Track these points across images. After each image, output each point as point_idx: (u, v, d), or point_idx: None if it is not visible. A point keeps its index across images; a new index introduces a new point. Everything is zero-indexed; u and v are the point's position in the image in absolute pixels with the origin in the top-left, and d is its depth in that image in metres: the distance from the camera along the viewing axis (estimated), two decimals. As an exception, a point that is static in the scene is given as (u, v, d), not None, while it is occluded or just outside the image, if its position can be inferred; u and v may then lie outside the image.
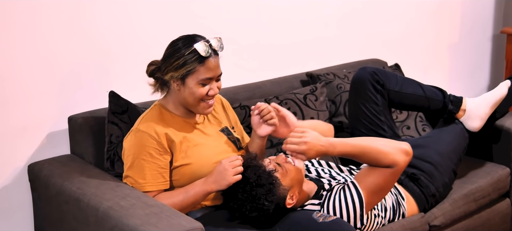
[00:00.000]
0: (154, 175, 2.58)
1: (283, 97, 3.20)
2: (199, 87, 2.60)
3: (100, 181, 2.57)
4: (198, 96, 2.61)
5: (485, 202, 3.23)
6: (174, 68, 2.59)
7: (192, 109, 2.67)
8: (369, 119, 3.09)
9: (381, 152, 2.57)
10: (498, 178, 3.28)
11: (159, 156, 2.59)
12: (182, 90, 2.62)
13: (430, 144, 3.09)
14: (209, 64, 2.59)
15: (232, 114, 2.93)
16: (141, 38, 3.07)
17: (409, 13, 4.08)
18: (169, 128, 2.63)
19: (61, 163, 2.76)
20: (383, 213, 2.79)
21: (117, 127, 2.79)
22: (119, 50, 3.02)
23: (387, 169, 2.59)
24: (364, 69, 3.09)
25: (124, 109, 2.82)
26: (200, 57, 2.57)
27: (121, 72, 3.04)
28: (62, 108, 2.90)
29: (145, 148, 2.58)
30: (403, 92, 3.10)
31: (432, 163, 3.03)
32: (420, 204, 2.96)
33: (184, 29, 2.70)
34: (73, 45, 2.88)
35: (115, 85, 2.95)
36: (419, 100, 3.13)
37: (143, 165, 2.58)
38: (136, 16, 3.04)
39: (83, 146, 2.83)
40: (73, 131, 2.85)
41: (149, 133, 2.59)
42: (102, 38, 2.96)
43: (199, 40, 2.60)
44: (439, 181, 3.03)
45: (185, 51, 2.58)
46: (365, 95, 3.08)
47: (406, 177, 2.98)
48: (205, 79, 2.60)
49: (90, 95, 2.96)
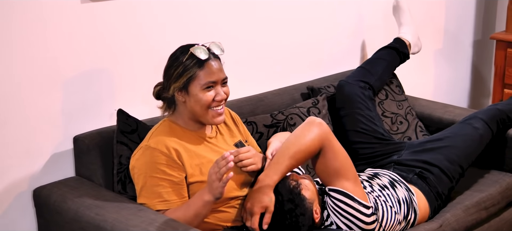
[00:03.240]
0: (169, 192, 2.47)
1: (288, 113, 3.14)
2: (204, 93, 2.50)
3: (119, 205, 2.45)
4: (205, 103, 2.51)
5: (494, 211, 3.19)
6: (175, 79, 2.50)
7: (202, 119, 2.56)
8: (367, 126, 3.17)
9: (304, 144, 2.55)
10: (506, 186, 3.25)
11: (173, 172, 2.48)
12: (187, 100, 2.52)
13: (442, 149, 3.05)
14: (209, 68, 2.50)
15: (243, 128, 2.83)
16: (148, 52, 2.96)
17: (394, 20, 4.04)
18: (181, 143, 2.52)
19: (70, 187, 2.62)
20: (398, 205, 2.75)
21: (126, 147, 2.66)
22: (125, 65, 2.90)
23: (323, 151, 2.58)
24: (349, 83, 3.30)
25: (133, 128, 2.69)
26: (199, 61, 2.49)
27: (128, 88, 2.92)
28: (66, 128, 2.75)
29: (157, 165, 2.47)
30: (379, 75, 3.40)
31: (441, 168, 2.99)
32: (431, 203, 2.92)
33: (183, 42, 2.61)
34: (76, 61, 2.74)
35: (121, 102, 2.84)
36: (389, 68, 3.46)
37: (157, 183, 2.47)
38: (142, 30, 2.92)
39: (91, 168, 2.69)
40: (79, 152, 2.72)
41: (160, 149, 2.48)
42: (107, 53, 2.82)
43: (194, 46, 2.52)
44: (446, 185, 3.00)
45: (183, 58, 2.50)
46: (359, 105, 3.21)
47: (414, 175, 2.96)
48: (208, 83, 2.49)
49: (96, 113, 2.82)
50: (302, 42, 3.58)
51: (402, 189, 2.84)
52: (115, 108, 2.74)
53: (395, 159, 3.07)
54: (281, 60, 3.51)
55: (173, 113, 2.60)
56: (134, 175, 2.52)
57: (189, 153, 2.52)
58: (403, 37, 3.55)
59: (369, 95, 3.32)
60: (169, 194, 2.47)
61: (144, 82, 2.89)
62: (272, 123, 3.06)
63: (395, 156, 3.09)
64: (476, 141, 3.11)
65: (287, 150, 2.56)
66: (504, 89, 4.08)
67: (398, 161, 3.05)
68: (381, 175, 2.91)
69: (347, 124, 3.24)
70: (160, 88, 2.59)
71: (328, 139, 2.59)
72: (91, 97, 2.81)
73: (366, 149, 3.16)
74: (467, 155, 3.08)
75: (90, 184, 2.65)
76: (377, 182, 2.84)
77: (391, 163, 3.06)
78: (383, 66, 3.44)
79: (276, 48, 3.47)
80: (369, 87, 3.35)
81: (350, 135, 3.21)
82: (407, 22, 3.61)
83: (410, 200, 2.82)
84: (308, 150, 2.56)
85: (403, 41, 3.54)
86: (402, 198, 2.80)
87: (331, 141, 2.60)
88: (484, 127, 3.17)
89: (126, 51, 2.89)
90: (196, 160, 2.52)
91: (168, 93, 2.54)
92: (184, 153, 2.50)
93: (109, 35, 2.82)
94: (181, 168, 2.49)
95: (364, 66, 3.46)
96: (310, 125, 2.60)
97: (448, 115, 3.53)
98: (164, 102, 2.60)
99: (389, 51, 3.50)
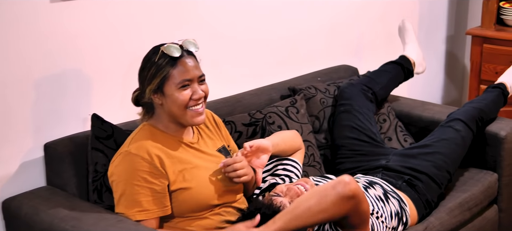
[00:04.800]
0: (150, 201, 2.35)
1: (266, 111, 3.07)
2: (180, 92, 2.39)
3: (96, 216, 2.32)
4: (182, 103, 2.39)
5: (477, 211, 3.17)
6: (149, 81, 2.39)
7: (181, 121, 2.44)
8: (363, 124, 3.17)
9: (325, 212, 2.26)
10: (488, 185, 3.22)
11: (154, 179, 2.36)
12: (164, 102, 2.41)
13: (428, 156, 3.03)
14: (183, 65, 2.40)
15: (225, 132, 2.73)
16: (121, 53, 2.83)
17: (374, 18, 4.00)
18: (163, 148, 2.41)
19: (42, 197, 2.48)
20: (389, 218, 2.69)
21: (102, 153, 2.54)
22: (98, 66, 2.77)
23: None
24: (353, 84, 3.31)
25: (109, 133, 2.57)
26: (172, 59, 2.38)
27: (102, 91, 2.79)
28: (36, 135, 2.61)
29: (138, 172, 2.34)
30: (384, 84, 3.42)
31: (429, 175, 2.97)
32: (419, 210, 2.89)
33: (159, 42, 2.50)
34: (46, 63, 2.61)
35: (95, 106, 2.72)
36: (393, 81, 3.48)
37: (137, 191, 2.34)
38: (115, 30, 2.80)
39: (63, 177, 2.55)
40: (51, 160, 2.58)
41: (141, 155, 2.36)
42: (78, 55, 2.69)
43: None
44: (435, 193, 2.98)
45: (155, 58, 2.39)
46: (359, 103, 3.23)
47: (403, 182, 2.92)
48: (183, 81, 2.38)
49: (68, 118, 2.69)
50: (279, 41, 3.52)
51: (394, 201, 2.79)
52: (88, 113, 2.61)
53: (383, 164, 3.03)
54: (258, 59, 3.44)
55: (152, 117, 2.48)
56: (112, 182, 2.40)
57: (172, 159, 2.41)
58: (408, 56, 3.56)
59: (371, 99, 3.33)
60: (149, 203, 2.35)
61: (118, 85, 2.77)
62: (250, 121, 2.99)
63: (383, 160, 3.05)
64: (459, 144, 3.10)
65: (307, 211, 2.27)
66: (481, 85, 4.05)
67: (386, 166, 3.02)
68: (375, 185, 2.84)
69: (344, 118, 3.22)
70: (138, 93, 2.48)
71: (356, 208, 2.31)
72: (62, 101, 2.67)
73: (356, 145, 3.13)
74: (453, 160, 3.06)
75: (63, 194, 2.52)
76: (374, 193, 2.76)
77: (379, 167, 3.02)
78: (387, 78, 3.46)
79: (252, 47, 3.40)
80: (372, 93, 3.35)
81: (344, 129, 3.18)
82: (412, 41, 3.63)
83: (401, 213, 2.78)
84: (328, 217, 2.31)
85: (408, 59, 3.55)
86: (394, 211, 2.75)
87: (358, 207, 2.32)
88: (465, 128, 3.15)
89: (99, 52, 2.76)
90: (179, 166, 2.42)
91: (144, 97, 2.43)
92: (167, 159, 2.39)
93: (80, 36, 2.69)
94: (163, 175, 2.37)
95: (369, 75, 3.47)
96: (344, 200, 2.27)
97: (428, 113, 3.50)
98: (143, 108, 2.49)
99: (394, 66, 3.52)
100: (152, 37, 2.73)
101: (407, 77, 3.56)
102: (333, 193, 2.23)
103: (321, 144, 3.24)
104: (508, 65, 3.64)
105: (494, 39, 3.96)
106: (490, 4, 4.00)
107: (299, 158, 2.87)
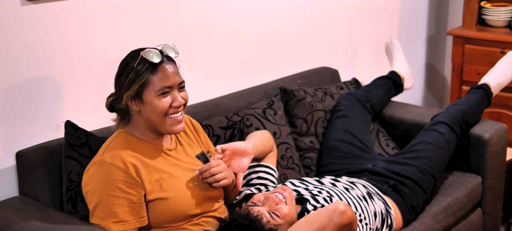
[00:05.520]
0: (126, 212, 2.26)
1: (243, 113, 3.00)
2: (160, 99, 2.30)
3: (71, 228, 2.25)
4: (162, 111, 2.31)
5: (461, 215, 3.13)
6: (127, 87, 2.30)
7: (160, 129, 2.36)
8: (356, 129, 3.16)
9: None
10: (472, 188, 3.18)
11: (130, 189, 2.27)
12: (142, 109, 2.32)
13: (412, 161, 2.99)
14: (163, 71, 2.31)
15: (204, 137, 2.65)
16: (95, 57, 2.74)
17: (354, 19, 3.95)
18: (139, 156, 2.33)
19: (14, 208, 2.39)
20: (373, 218, 2.65)
21: (76, 162, 2.45)
22: (70, 71, 2.67)
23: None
24: (352, 94, 3.33)
25: (83, 141, 2.48)
26: (151, 65, 2.29)
27: (74, 96, 2.69)
28: (7, 143, 2.51)
29: (113, 182, 2.26)
30: (380, 97, 3.43)
31: (414, 180, 2.94)
32: (404, 215, 2.86)
33: (136, 46, 2.43)
34: (16, 68, 2.51)
35: (68, 112, 2.63)
36: (387, 95, 3.50)
37: (113, 201, 2.26)
38: (88, 34, 2.71)
39: (36, 186, 2.46)
40: (23, 169, 2.49)
41: (116, 164, 2.27)
42: (50, 59, 2.60)
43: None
44: (421, 198, 2.95)
45: (134, 64, 2.29)
46: (357, 109, 3.25)
47: (388, 187, 2.89)
48: (163, 88, 2.30)
49: (40, 125, 2.59)
50: (257, 44, 3.45)
51: (379, 202, 2.76)
52: (62, 120, 2.53)
53: (370, 168, 2.99)
54: (236, 63, 3.37)
55: (128, 124, 2.39)
56: (87, 192, 2.31)
57: (148, 168, 2.32)
58: (397, 71, 3.59)
59: (369, 110, 3.34)
60: (126, 213, 2.26)
61: (92, 90, 2.69)
62: (228, 124, 2.93)
63: (370, 164, 3.02)
64: (444, 147, 3.06)
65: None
66: (462, 86, 3.99)
67: (372, 170, 2.97)
68: (359, 185, 2.81)
69: (340, 122, 3.20)
70: (113, 99, 2.38)
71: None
72: (34, 108, 2.57)
73: (348, 148, 3.10)
74: (437, 163, 3.03)
75: (36, 204, 2.43)
76: (356, 193, 2.73)
77: (365, 171, 2.98)
78: (382, 92, 3.47)
79: (230, 50, 3.33)
80: (371, 106, 3.37)
81: (338, 132, 3.16)
82: (400, 57, 3.68)
83: (386, 213, 2.74)
84: None
85: (398, 74, 3.57)
86: (378, 211, 2.71)
87: (352, 229, 2.35)
88: (449, 131, 3.11)
89: (71, 57, 2.66)
90: (155, 175, 2.33)
91: (121, 103, 2.33)
92: (143, 169, 2.30)
93: (52, 40, 2.59)
94: (139, 185, 2.28)
95: (364, 88, 3.47)
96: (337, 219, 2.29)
97: (409, 115, 3.46)
98: (118, 114, 2.39)
99: (386, 81, 3.53)
100: (125, 41, 2.67)
101: (398, 92, 3.58)
102: (331, 225, 2.27)
103: (307, 147, 3.18)
104: (490, 66, 3.60)
105: (475, 39, 3.91)
106: (471, 4, 3.95)
107: (272, 162, 2.80)
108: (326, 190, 2.67)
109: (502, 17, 3.95)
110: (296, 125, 3.20)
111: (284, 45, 3.59)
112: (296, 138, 3.18)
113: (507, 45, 3.79)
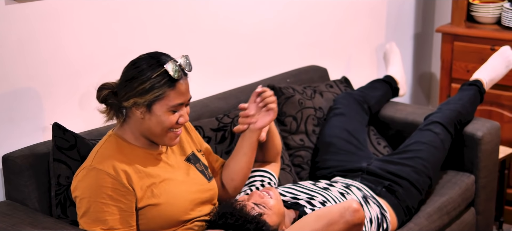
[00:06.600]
0: (116, 220, 2.20)
1: (234, 115, 2.96)
2: (169, 115, 2.23)
3: (60, 234, 2.17)
4: (167, 126, 2.25)
5: (455, 214, 3.11)
6: (138, 94, 2.20)
7: (156, 140, 2.29)
8: (354, 127, 3.16)
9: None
10: (465, 188, 3.17)
11: (120, 197, 2.20)
12: (147, 118, 2.24)
13: (407, 161, 2.96)
14: (180, 88, 2.24)
15: (195, 135, 2.58)
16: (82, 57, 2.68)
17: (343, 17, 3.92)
18: (130, 162, 2.26)
19: (2, 214, 2.33)
20: (368, 224, 2.63)
21: (65, 165, 2.38)
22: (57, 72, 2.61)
23: None
24: (351, 94, 3.34)
25: (72, 143, 2.41)
26: (171, 80, 2.21)
27: (62, 98, 2.63)
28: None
29: (102, 189, 2.19)
30: (378, 99, 3.43)
31: (410, 180, 2.91)
32: (399, 217, 2.84)
33: (122, 46, 2.37)
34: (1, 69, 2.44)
35: (56, 114, 2.56)
36: (384, 97, 3.51)
37: (102, 208, 2.19)
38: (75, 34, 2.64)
39: (24, 191, 2.40)
40: (10, 172, 2.42)
41: (106, 171, 2.20)
42: (36, 59, 2.53)
43: (166, 60, 2.23)
44: (416, 199, 2.92)
45: (152, 74, 2.20)
46: (355, 108, 3.25)
47: (383, 188, 2.86)
48: (176, 105, 2.23)
49: (27, 128, 2.52)
50: (245, 42, 3.41)
51: (374, 206, 2.73)
52: (49, 122, 2.46)
53: (364, 167, 2.96)
54: (224, 62, 3.32)
55: (121, 126, 2.31)
56: (76, 197, 2.24)
57: (139, 174, 2.25)
58: (393, 76, 3.60)
59: (366, 111, 3.34)
60: (115, 221, 2.20)
61: (79, 91, 2.63)
62: (218, 126, 2.89)
63: (365, 163, 2.98)
64: (439, 148, 3.04)
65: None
66: (452, 83, 3.96)
67: (367, 169, 2.94)
68: (353, 189, 2.78)
69: (337, 120, 3.19)
70: (108, 92, 2.26)
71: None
72: (20, 109, 2.51)
73: (344, 145, 3.08)
74: (433, 164, 3.01)
75: (24, 209, 2.36)
76: (351, 198, 2.70)
77: (359, 170, 2.95)
78: (380, 94, 3.48)
79: (218, 49, 3.28)
80: (368, 107, 3.36)
81: (336, 130, 3.15)
82: (398, 63, 3.69)
83: (381, 218, 2.72)
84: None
85: (394, 79, 3.58)
86: (374, 216, 2.69)
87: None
88: (444, 131, 3.09)
89: (58, 57, 2.60)
90: (146, 181, 2.26)
91: (123, 103, 2.23)
92: (134, 175, 2.24)
93: (38, 40, 2.53)
94: (130, 192, 2.22)
95: (362, 90, 3.47)
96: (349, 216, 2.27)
97: (400, 114, 3.44)
98: (110, 109, 2.28)
99: (383, 84, 3.55)
100: (113, 41, 2.61)
101: (393, 95, 3.59)
102: (342, 222, 2.23)
103: (298, 145, 3.14)
104: (479, 63, 3.58)
105: (465, 36, 3.88)
106: (460, 1, 3.92)
107: (275, 171, 2.78)
108: (321, 195, 2.64)
109: (491, 13, 3.93)
110: (285, 123, 3.16)
111: (273, 44, 3.55)
112: (286, 136, 3.14)
113: (496, 42, 3.77)
